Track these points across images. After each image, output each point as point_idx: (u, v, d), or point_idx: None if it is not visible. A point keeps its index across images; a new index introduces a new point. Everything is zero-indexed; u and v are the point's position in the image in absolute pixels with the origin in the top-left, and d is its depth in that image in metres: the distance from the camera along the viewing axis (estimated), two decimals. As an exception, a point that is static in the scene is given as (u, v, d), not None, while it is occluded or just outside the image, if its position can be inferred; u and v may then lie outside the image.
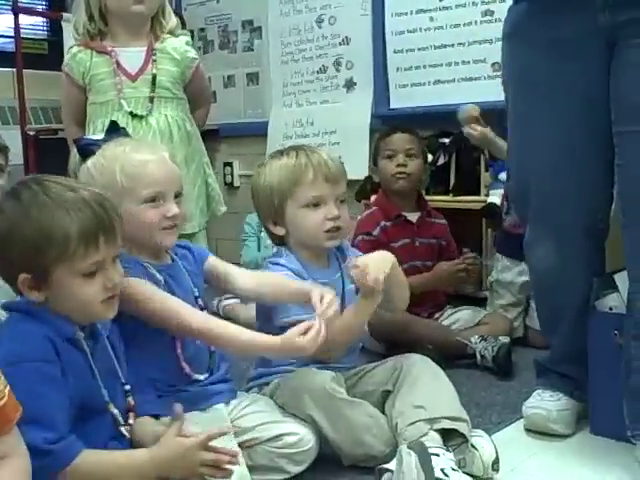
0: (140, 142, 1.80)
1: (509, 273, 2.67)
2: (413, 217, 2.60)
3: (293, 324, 1.53)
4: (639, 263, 1.57)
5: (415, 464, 1.33)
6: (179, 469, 1.25)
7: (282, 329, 1.67)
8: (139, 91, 2.18)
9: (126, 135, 1.71)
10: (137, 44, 2.20)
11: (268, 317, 1.72)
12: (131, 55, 2.19)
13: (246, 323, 1.76)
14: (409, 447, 1.37)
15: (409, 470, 1.33)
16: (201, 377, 1.57)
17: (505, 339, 2.30)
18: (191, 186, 2.24)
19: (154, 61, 2.20)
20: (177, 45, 2.26)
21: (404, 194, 2.60)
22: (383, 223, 2.53)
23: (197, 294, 1.63)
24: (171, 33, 2.27)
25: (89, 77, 2.19)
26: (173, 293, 1.55)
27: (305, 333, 1.44)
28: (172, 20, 2.28)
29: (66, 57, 2.24)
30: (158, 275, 1.55)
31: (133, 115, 2.17)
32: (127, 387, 1.36)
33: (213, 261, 1.71)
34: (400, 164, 2.56)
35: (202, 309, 1.62)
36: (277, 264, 1.76)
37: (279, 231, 1.80)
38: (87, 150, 1.58)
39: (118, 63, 2.17)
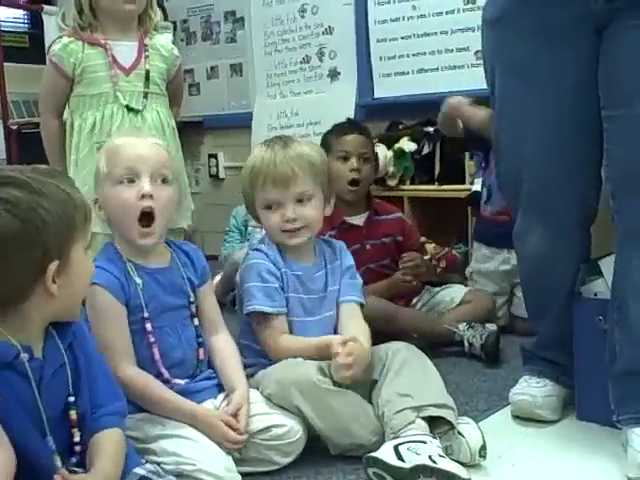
0: (129, 130, 1.80)
1: (491, 262, 2.67)
2: (360, 220, 2.52)
3: (257, 313, 1.68)
4: (629, 246, 1.58)
5: None
6: None
7: (248, 315, 1.72)
8: (133, 85, 2.17)
9: None
10: (127, 38, 2.19)
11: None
12: (124, 49, 2.17)
13: None
14: None
15: None
16: (181, 382, 1.57)
17: (492, 327, 2.31)
18: None
19: (147, 57, 2.19)
20: (164, 42, 2.27)
21: (354, 199, 2.54)
22: (328, 233, 2.36)
23: (192, 300, 1.62)
24: (155, 29, 2.27)
25: (81, 68, 2.14)
26: (153, 297, 1.55)
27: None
28: (158, 14, 2.28)
29: (55, 46, 2.17)
30: (137, 278, 1.54)
31: (129, 109, 2.15)
32: (71, 399, 1.23)
33: (205, 292, 1.67)
34: (354, 169, 2.49)
35: (193, 317, 1.62)
36: (258, 250, 1.78)
37: (258, 221, 1.84)
38: None
39: (113, 56, 2.15)
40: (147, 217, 1.53)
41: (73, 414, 1.23)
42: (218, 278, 3.06)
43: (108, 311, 1.50)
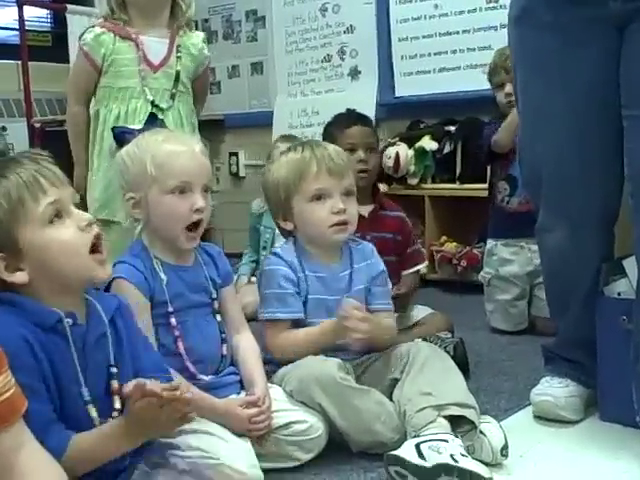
0: (174, 134, 1.78)
1: (513, 265, 2.61)
2: (365, 210, 2.42)
3: (269, 320, 1.70)
4: None
5: None
6: (151, 426, 1.20)
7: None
8: (159, 82, 2.17)
9: (162, 126, 1.71)
10: (158, 34, 2.18)
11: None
12: (154, 45, 2.17)
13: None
14: None
15: None
16: (206, 378, 1.57)
17: (447, 334, 2.20)
18: None
19: (179, 58, 2.19)
20: (196, 41, 2.27)
21: (361, 189, 2.42)
22: None
23: (214, 296, 1.63)
24: (187, 23, 2.26)
25: (110, 60, 2.15)
26: (178, 294, 1.56)
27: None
28: (192, 6, 2.26)
29: (87, 35, 2.18)
30: (162, 274, 1.55)
31: (153, 105, 2.15)
32: (113, 370, 1.26)
33: (228, 294, 1.68)
34: (362, 160, 2.45)
35: (215, 313, 1.63)
36: (275, 254, 1.77)
37: (288, 226, 1.80)
38: (122, 138, 1.59)
39: (143, 51, 2.16)
40: (196, 226, 1.56)
41: (115, 384, 1.25)
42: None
43: (130, 303, 1.50)
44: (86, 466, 1.18)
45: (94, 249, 1.22)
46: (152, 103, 2.14)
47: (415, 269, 2.48)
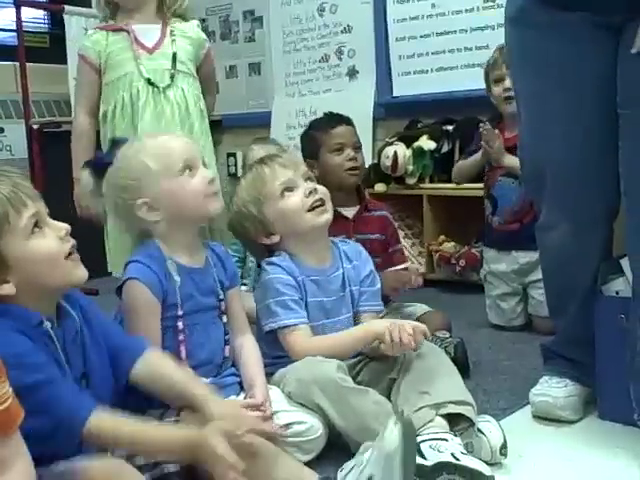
0: (149, 133, 1.83)
1: (502, 263, 2.64)
2: (350, 212, 2.43)
3: (281, 329, 1.69)
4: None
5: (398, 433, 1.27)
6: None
7: (269, 333, 1.72)
8: (157, 63, 2.17)
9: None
10: (148, 22, 2.20)
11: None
12: (146, 30, 2.19)
13: (248, 313, 1.77)
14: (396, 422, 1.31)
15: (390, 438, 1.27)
16: (206, 380, 1.57)
17: (445, 334, 2.19)
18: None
19: (173, 41, 2.20)
20: (190, 26, 2.28)
21: (351, 189, 2.47)
22: None
23: (221, 297, 1.65)
24: (182, 17, 2.27)
25: (106, 55, 2.17)
26: (189, 296, 1.58)
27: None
28: (181, 1, 2.25)
29: (83, 41, 2.24)
30: (176, 276, 1.56)
31: (150, 83, 2.15)
32: (83, 382, 1.32)
33: (233, 295, 1.70)
34: (351, 158, 2.44)
35: (222, 314, 1.64)
36: (270, 263, 1.77)
37: (275, 239, 1.80)
38: (102, 166, 1.60)
39: (135, 37, 2.16)
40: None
41: (83, 384, 1.32)
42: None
43: (143, 306, 1.52)
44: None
45: (69, 254, 1.29)
46: (148, 81, 2.14)
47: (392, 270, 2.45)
